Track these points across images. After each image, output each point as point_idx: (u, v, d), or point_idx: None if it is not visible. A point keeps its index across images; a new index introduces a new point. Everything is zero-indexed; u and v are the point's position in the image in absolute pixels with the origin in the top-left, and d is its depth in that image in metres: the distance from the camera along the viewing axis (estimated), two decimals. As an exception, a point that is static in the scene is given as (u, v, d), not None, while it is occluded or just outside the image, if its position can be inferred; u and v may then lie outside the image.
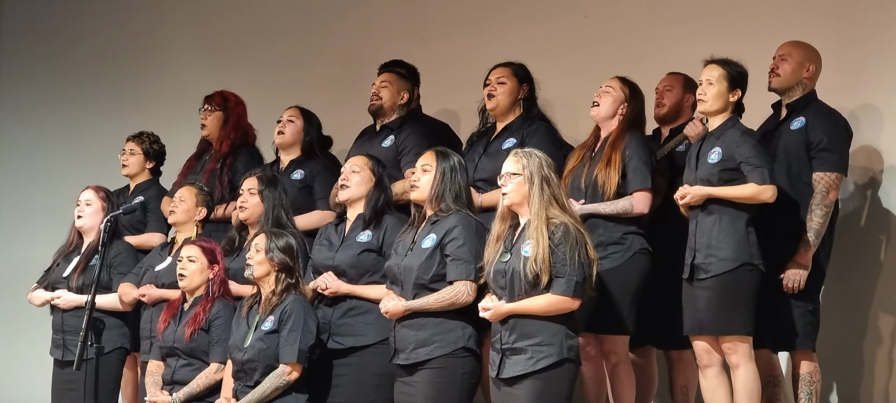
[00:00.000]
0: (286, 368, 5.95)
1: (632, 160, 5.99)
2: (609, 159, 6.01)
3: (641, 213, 5.99)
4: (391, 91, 6.86)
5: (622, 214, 5.96)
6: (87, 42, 9.07)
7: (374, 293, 6.02)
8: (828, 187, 5.89)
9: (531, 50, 7.03)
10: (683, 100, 6.57)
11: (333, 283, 6.08)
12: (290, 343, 5.94)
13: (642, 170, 5.98)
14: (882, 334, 6.51)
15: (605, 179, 5.98)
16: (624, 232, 5.98)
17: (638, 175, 5.98)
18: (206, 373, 6.18)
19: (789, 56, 6.09)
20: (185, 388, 6.17)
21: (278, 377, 5.95)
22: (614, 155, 6.00)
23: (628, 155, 6.00)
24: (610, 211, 5.95)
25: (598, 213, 5.93)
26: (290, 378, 5.95)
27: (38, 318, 7.16)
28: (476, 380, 5.80)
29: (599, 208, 5.95)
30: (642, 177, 5.98)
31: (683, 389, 6.47)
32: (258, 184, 6.44)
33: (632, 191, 5.99)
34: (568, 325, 5.43)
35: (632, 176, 5.99)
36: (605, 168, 6.00)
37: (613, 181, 5.97)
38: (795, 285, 5.86)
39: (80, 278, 6.77)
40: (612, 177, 5.97)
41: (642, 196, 5.98)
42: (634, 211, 5.97)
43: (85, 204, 6.88)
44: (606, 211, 5.95)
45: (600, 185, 5.99)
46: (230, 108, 7.25)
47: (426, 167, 5.87)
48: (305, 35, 8.37)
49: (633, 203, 5.97)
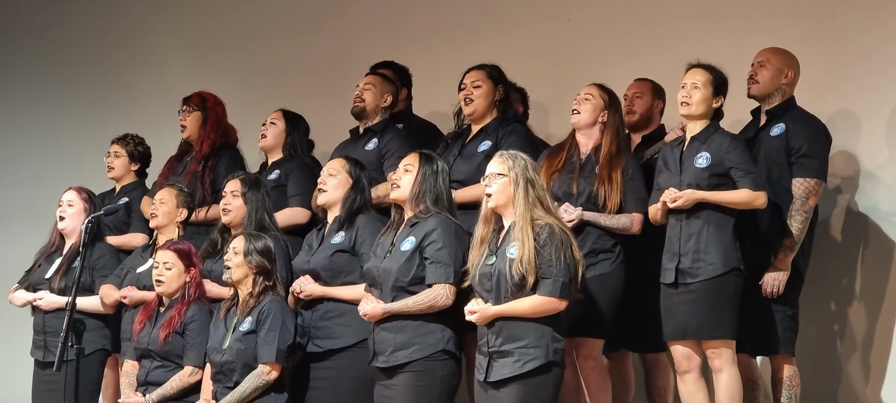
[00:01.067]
0: (265, 368, 5.95)
1: (633, 181, 6.03)
2: (609, 176, 6.01)
3: (635, 234, 6.03)
4: (374, 93, 6.85)
5: (620, 231, 5.99)
6: (70, 43, 9.03)
7: (349, 294, 6.02)
8: (807, 193, 5.92)
9: (515, 54, 7.07)
10: (653, 107, 6.60)
11: (308, 286, 6.09)
12: (269, 343, 5.95)
13: (642, 193, 6.03)
14: (860, 337, 6.55)
15: (607, 196, 5.99)
16: (615, 242, 6.01)
17: (639, 198, 6.02)
18: (181, 376, 6.17)
19: (768, 62, 6.11)
20: (159, 390, 6.17)
21: (257, 377, 5.96)
22: (615, 174, 6.01)
23: (630, 175, 6.02)
24: (611, 225, 5.97)
25: (599, 224, 5.95)
26: (269, 378, 5.95)
27: (19, 319, 7.14)
28: (456, 383, 5.81)
29: (601, 220, 5.96)
30: (642, 201, 6.02)
31: (662, 391, 6.50)
32: (241, 187, 6.42)
33: (631, 211, 6.02)
34: (555, 328, 5.44)
35: (632, 197, 6.02)
36: (606, 183, 6.00)
37: (615, 201, 5.99)
38: (775, 289, 5.90)
39: (63, 280, 6.75)
40: (614, 196, 5.99)
41: (640, 217, 6.02)
42: (632, 230, 6.01)
43: (67, 205, 6.86)
44: (607, 224, 5.97)
45: (601, 199, 5.99)
46: (209, 109, 7.23)
47: (408, 167, 5.87)
48: (291, 37, 8.36)
49: (632, 222, 6.01)
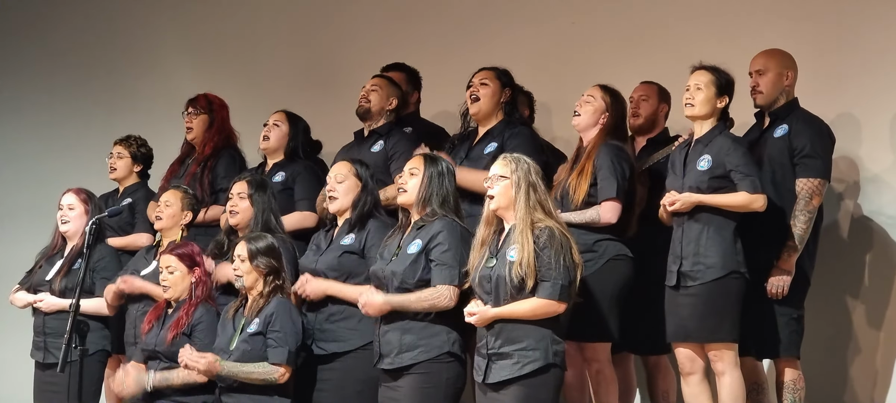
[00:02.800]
0: (279, 369, 5.93)
1: (600, 170, 5.99)
2: (582, 168, 6.02)
3: (609, 223, 5.97)
4: (380, 95, 6.85)
5: (590, 224, 5.96)
6: (74, 44, 9.03)
7: (352, 292, 5.98)
8: (811, 193, 5.91)
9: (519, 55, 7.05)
10: (659, 111, 6.59)
11: (311, 284, 6.05)
12: (280, 345, 5.93)
13: (610, 179, 5.97)
14: (865, 341, 6.55)
15: (575, 187, 5.99)
16: (596, 240, 5.97)
17: (606, 184, 5.97)
18: (188, 372, 6.12)
19: (767, 69, 6.09)
20: (163, 372, 6.13)
21: (267, 372, 5.92)
22: (587, 164, 6.01)
23: (598, 164, 6.00)
24: (579, 220, 5.94)
25: (571, 222, 5.88)
26: (279, 379, 5.93)
27: (20, 320, 7.13)
28: (461, 386, 5.79)
29: (571, 217, 5.92)
30: (609, 187, 5.97)
31: (665, 394, 6.48)
32: (248, 189, 6.41)
33: (600, 200, 5.98)
34: (554, 330, 5.43)
35: (600, 185, 5.98)
36: (577, 176, 6.01)
37: (582, 189, 5.97)
38: (779, 290, 5.89)
39: (63, 281, 6.75)
40: (582, 185, 5.98)
41: (609, 205, 5.97)
42: (601, 221, 5.96)
43: (68, 209, 6.86)
44: (576, 220, 5.94)
45: (572, 194, 6.00)
46: (215, 111, 7.25)
47: (414, 171, 5.86)
48: (294, 38, 8.36)
49: (600, 213, 5.97)
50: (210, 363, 5.95)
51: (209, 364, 5.95)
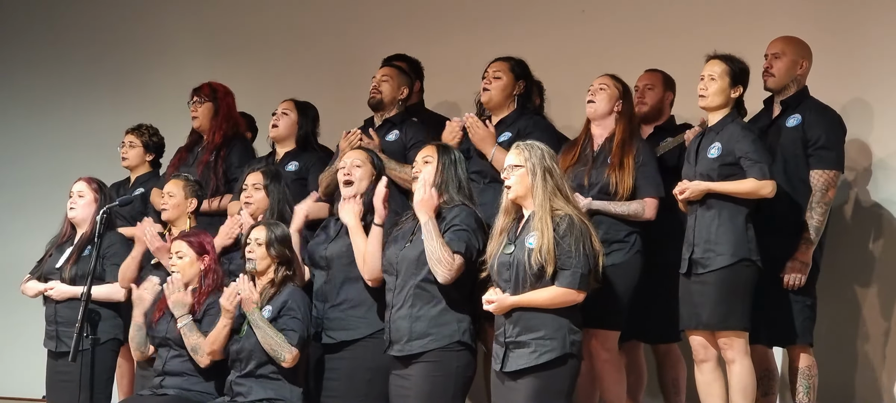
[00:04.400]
0: (293, 350, 5.92)
1: (645, 166, 6.02)
2: (621, 162, 6.01)
3: (649, 219, 6.01)
4: (391, 85, 6.85)
5: (632, 217, 5.99)
6: (85, 34, 9.03)
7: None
8: (827, 185, 5.92)
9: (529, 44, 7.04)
10: (664, 99, 6.58)
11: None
12: (293, 329, 5.94)
13: (655, 177, 6.02)
14: (877, 328, 6.56)
15: (618, 181, 5.99)
16: (629, 232, 6.00)
17: (651, 182, 6.02)
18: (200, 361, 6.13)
19: (783, 54, 6.10)
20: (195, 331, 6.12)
21: (281, 345, 5.91)
22: (627, 159, 6.01)
23: (642, 161, 6.02)
24: (621, 212, 5.97)
25: (609, 212, 5.94)
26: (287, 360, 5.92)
27: (32, 309, 7.13)
28: (471, 374, 5.79)
29: (611, 207, 5.96)
30: (656, 186, 6.02)
31: (675, 382, 6.49)
32: (263, 179, 6.43)
33: (643, 196, 6.01)
34: (572, 320, 5.44)
35: (644, 182, 6.01)
36: (617, 170, 6.00)
37: (627, 184, 5.98)
38: (797, 282, 5.89)
39: (73, 269, 6.75)
40: (627, 180, 5.99)
41: (654, 202, 6.02)
42: (644, 216, 6.00)
43: (77, 196, 6.86)
44: (618, 211, 5.97)
45: (613, 186, 5.99)
46: (220, 99, 7.23)
47: (428, 159, 5.86)
48: (304, 27, 8.35)
49: (644, 207, 6.00)
50: (250, 298, 5.95)
51: (249, 298, 5.95)
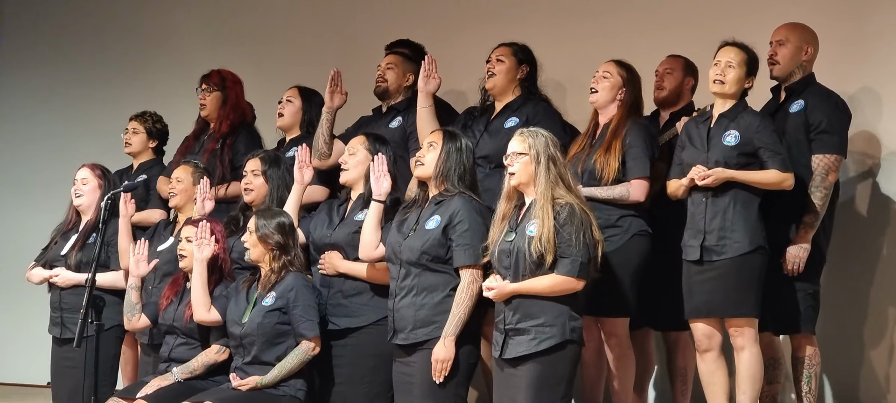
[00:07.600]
0: (310, 344, 5.94)
1: (632, 148, 5.98)
2: (609, 145, 5.99)
3: (637, 201, 5.97)
4: (397, 73, 6.86)
5: (618, 200, 5.95)
6: (89, 20, 9.04)
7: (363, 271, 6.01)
8: (827, 169, 5.90)
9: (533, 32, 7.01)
10: (684, 84, 6.56)
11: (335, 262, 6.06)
12: (309, 318, 5.94)
13: (642, 158, 5.97)
14: (881, 318, 6.54)
15: (604, 165, 5.97)
16: (621, 216, 5.97)
17: (637, 163, 5.97)
18: (207, 353, 6.17)
19: (787, 41, 6.08)
20: (185, 365, 6.16)
21: (303, 352, 5.93)
22: (615, 142, 5.99)
23: (629, 142, 5.99)
24: (606, 196, 5.94)
25: (595, 197, 5.90)
26: (314, 353, 5.94)
27: (38, 296, 7.15)
28: (474, 362, 5.80)
29: (596, 192, 5.92)
30: (641, 166, 5.97)
31: (683, 371, 6.48)
32: (262, 165, 6.45)
33: (630, 178, 5.98)
34: (572, 306, 5.43)
35: (631, 163, 5.98)
36: (604, 154, 5.98)
37: (613, 167, 5.96)
38: (796, 266, 5.88)
39: (78, 256, 6.78)
40: (612, 163, 5.96)
41: (640, 184, 5.97)
42: (631, 199, 5.96)
43: (82, 184, 6.89)
44: (603, 195, 5.94)
45: (599, 171, 5.97)
46: (228, 88, 7.23)
47: (433, 144, 5.85)
48: (309, 14, 8.34)
49: (630, 190, 5.96)
50: (253, 383, 5.95)
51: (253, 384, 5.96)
